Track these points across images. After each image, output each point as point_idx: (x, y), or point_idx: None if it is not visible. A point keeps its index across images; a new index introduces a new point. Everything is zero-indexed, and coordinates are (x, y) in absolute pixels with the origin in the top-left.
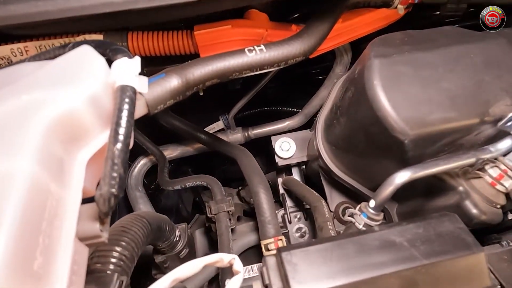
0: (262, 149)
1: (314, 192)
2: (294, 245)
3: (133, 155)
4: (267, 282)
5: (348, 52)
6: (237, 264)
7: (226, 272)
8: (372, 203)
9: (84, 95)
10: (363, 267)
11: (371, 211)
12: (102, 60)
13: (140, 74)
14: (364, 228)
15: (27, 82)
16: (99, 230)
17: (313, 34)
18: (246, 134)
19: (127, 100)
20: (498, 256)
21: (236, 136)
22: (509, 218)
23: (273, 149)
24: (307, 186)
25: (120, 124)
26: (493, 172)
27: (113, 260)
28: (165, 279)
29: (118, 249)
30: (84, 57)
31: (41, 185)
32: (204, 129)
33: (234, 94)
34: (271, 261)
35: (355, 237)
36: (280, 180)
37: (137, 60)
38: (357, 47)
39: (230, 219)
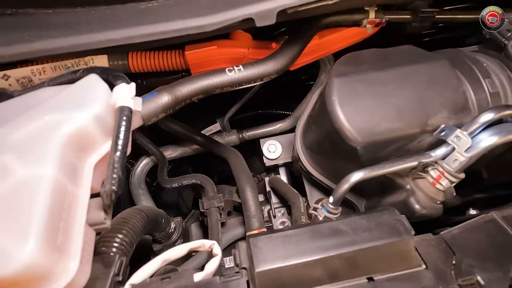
0: (257, 150)
1: (294, 190)
2: (262, 233)
3: (136, 155)
4: (237, 261)
5: (331, 61)
6: (216, 249)
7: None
8: (331, 199)
9: (91, 116)
10: (314, 249)
11: (330, 205)
12: (105, 86)
13: (136, 96)
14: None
15: (48, 105)
16: (103, 219)
17: (286, 54)
18: (240, 136)
19: (124, 118)
20: (427, 242)
21: (231, 137)
22: (471, 213)
23: (261, 151)
24: (288, 185)
25: (119, 137)
26: (434, 173)
27: (116, 244)
28: (157, 260)
29: (119, 236)
30: (91, 84)
31: (61, 185)
32: (202, 131)
33: (231, 99)
34: (242, 245)
35: (311, 226)
36: (267, 179)
37: (132, 85)
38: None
39: (220, 214)
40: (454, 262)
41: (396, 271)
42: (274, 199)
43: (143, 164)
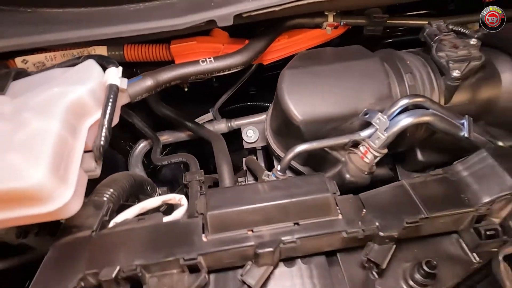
0: None
1: (263, 167)
2: (219, 188)
3: (135, 139)
4: (197, 209)
5: None
6: (183, 201)
7: None
8: (278, 167)
9: (87, 89)
10: (255, 200)
11: (278, 172)
12: (99, 68)
13: (123, 77)
14: None
15: (56, 81)
16: (94, 167)
17: (250, 50)
18: (229, 124)
19: (112, 93)
20: (346, 200)
21: (220, 126)
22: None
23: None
24: (259, 163)
25: (108, 106)
26: (362, 149)
27: (106, 195)
28: (136, 207)
29: (110, 190)
30: (89, 67)
31: (63, 136)
32: (196, 119)
33: (223, 92)
34: (202, 197)
35: (257, 184)
36: (244, 159)
37: (120, 69)
38: None
39: (201, 187)
40: (362, 214)
41: (317, 219)
42: (249, 177)
43: (141, 146)
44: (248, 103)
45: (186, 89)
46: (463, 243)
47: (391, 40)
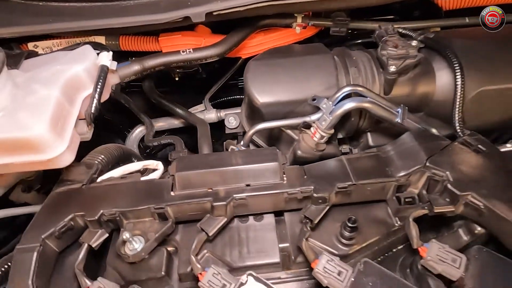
0: None
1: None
2: (188, 155)
3: (132, 124)
4: (169, 171)
5: None
6: (160, 166)
7: None
8: (241, 143)
9: (83, 68)
10: (215, 165)
11: (241, 146)
12: (94, 52)
13: (113, 60)
14: None
15: (59, 60)
16: (86, 131)
17: (225, 44)
18: (218, 114)
19: (103, 72)
20: (292, 168)
21: (210, 115)
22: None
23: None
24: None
25: (99, 82)
26: (312, 130)
27: (97, 159)
28: (119, 169)
29: (100, 155)
30: (85, 51)
31: (61, 102)
32: (189, 109)
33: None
34: (174, 162)
35: (220, 153)
36: (224, 142)
37: (110, 53)
38: None
39: None
40: (303, 181)
41: (266, 182)
42: None
43: (137, 131)
44: (237, 96)
45: (176, 79)
46: (389, 210)
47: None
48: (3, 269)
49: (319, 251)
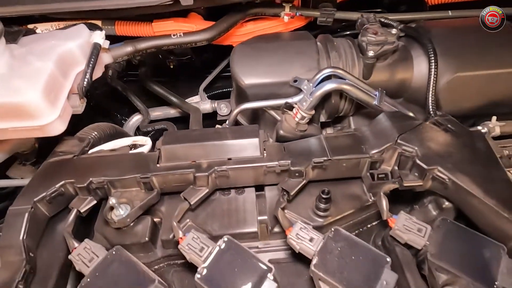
0: None
1: None
2: (175, 131)
3: (130, 113)
4: (156, 145)
5: None
6: (148, 141)
7: None
8: (227, 122)
9: (77, 44)
10: (200, 139)
11: (226, 125)
12: (88, 31)
13: (106, 39)
14: None
15: (54, 37)
16: (78, 104)
17: (213, 30)
18: (213, 105)
19: (95, 49)
20: (272, 145)
21: (205, 106)
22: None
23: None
24: None
25: (91, 59)
26: (294, 110)
27: (90, 135)
28: (110, 143)
29: (94, 132)
30: (80, 29)
31: (55, 75)
32: (186, 100)
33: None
34: (161, 137)
35: (207, 129)
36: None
37: (103, 32)
38: None
39: None
40: (282, 156)
41: (246, 156)
42: None
43: (134, 120)
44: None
45: (171, 66)
46: (364, 186)
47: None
48: None
49: (294, 221)
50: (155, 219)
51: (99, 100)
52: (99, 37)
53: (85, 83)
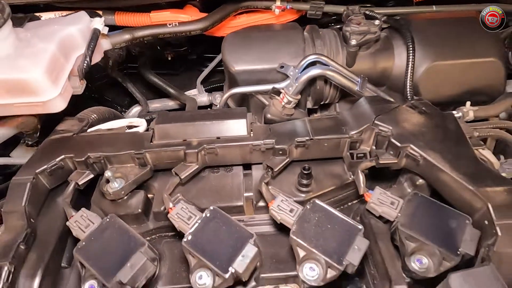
0: None
1: None
2: (168, 112)
3: (130, 104)
4: (150, 125)
5: None
6: (144, 122)
7: None
8: (218, 106)
9: (77, 29)
10: (191, 120)
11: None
12: (88, 17)
13: (106, 26)
14: None
15: (57, 22)
16: (78, 85)
17: (207, 20)
18: (210, 98)
19: (95, 34)
20: (259, 126)
21: (203, 98)
22: None
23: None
24: None
25: (91, 43)
26: (281, 95)
27: (90, 117)
28: (107, 124)
29: (94, 114)
30: (81, 16)
31: (57, 56)
32: (185, 92)
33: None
34: (155, 118)
35: (197, 111)
36: None
37: (103, 18)
38: None
39: None
40: (267, 136)
41: (234, 135)
42: None
43: (134, 111)
44: None
45: (169, 58)
46: (344, 165)
47: None
48: None
49: (277, 195)
50: (149, 195)
51: (100, 91)
52: (98, 23)
53: (84, 65)
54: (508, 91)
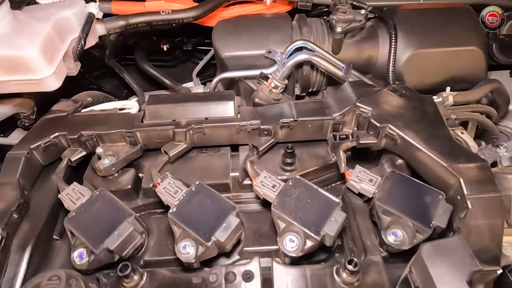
0: None
1: None
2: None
3: (127, 95)
4: (142, 107)
5: None
6: (136, 105)
7: None
8: (207, 89)
9: (72, 13)
10: (181, 101)
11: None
12: (84, 2)
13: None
14: None
15: (53, 6)
16: (72, 66)
17: (199, 9)
18: (205, 90)
19: (89, 18)
20: (245, 108)
21: (199, 90)
22: None
23: None
24: None
25: (85, 26)
26: (269, 80)
27: (85, 99)
28: (99, 106)
29: (88, 97)
30: (77, 1)
31: (52, 36)
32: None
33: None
34: (146, 101)
35: (189, 94)
36: None
37: (97, 3)
38: None
39: None
40: (253, 117)
41: (221, 116)
42: None
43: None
44: None
45: (165, 49)
46: (328, 147)
47: None
48: None
49: (261, 172)
50: (140, 175)
51: (97, 83)
52: (93, 7)
53: (79, 47)
54: None
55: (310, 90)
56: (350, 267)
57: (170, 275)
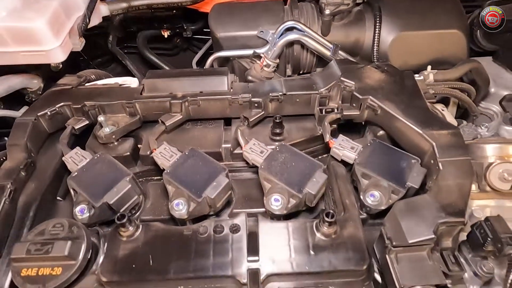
0: None
1: None
2: (157, 70)
3: None
4: (141, 82)
5: None
6: (136, 81)
7: None
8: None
9: None
10: (177, 76)
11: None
12: None
13: None
14: None
15: None
16: (77, 42)
17: None
18: None
19: None
20: (237, 84)
21: None
22: None
23: None
24: None
25: (90, 3)
26: (261, 60)
27: (89, 76)
28: (102, 80)
29: (92, 75)
30: None
31: (59, 12)
32: None
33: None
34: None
35: (183, 69)
36: None
37: None
38: None
39: None
40: (245, 91)
41: (215, 90)
42: None
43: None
44: None
45: (166, 36)
46: (315, 121)
47: None
48: None
49: (250, 140)
50: (138, 145)
51: (100, 69)
52: None
53: (84, 24)
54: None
55: (301, 72)
56: (327, 219)
57: (164, 227)
